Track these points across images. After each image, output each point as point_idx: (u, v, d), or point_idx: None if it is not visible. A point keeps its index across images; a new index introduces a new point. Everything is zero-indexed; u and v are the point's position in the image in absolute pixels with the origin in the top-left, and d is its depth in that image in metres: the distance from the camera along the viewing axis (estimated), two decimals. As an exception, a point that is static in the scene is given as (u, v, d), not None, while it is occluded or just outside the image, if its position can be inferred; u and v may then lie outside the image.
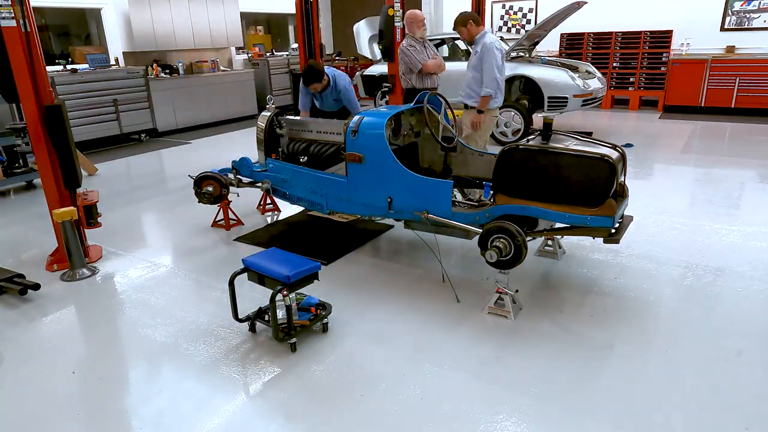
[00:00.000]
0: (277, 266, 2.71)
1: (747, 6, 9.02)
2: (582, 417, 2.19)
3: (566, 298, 3.16)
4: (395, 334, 2.85)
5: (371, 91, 9.12)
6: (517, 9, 11.40)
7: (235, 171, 4.50)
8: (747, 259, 3.58)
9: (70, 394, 2.47)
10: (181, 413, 2.31)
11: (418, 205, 3.30)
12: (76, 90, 7.96)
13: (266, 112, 4.39)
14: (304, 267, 2.72)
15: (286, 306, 2.63)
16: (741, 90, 8.78)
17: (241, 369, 2.60)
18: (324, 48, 10.00)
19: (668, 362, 2.52)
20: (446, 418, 2.21)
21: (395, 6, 6.31)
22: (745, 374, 2.42)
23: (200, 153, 7.95)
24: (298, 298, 2.87)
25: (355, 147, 3.52)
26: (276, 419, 2.25)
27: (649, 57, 9.56)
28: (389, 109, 3.83)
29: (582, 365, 2.53)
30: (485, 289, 3.25)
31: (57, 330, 3.04)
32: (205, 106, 10.04)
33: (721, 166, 5.91)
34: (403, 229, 3.87)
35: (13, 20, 3.34)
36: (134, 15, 8.95)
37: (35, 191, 6.05)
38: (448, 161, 4.18)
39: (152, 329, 3.00)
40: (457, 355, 2.65)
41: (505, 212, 3.00)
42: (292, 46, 12.64)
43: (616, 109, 10.14)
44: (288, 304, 2.62)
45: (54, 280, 3.67)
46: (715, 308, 3.00)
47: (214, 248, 4.17)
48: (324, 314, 2.85)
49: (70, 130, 3.68)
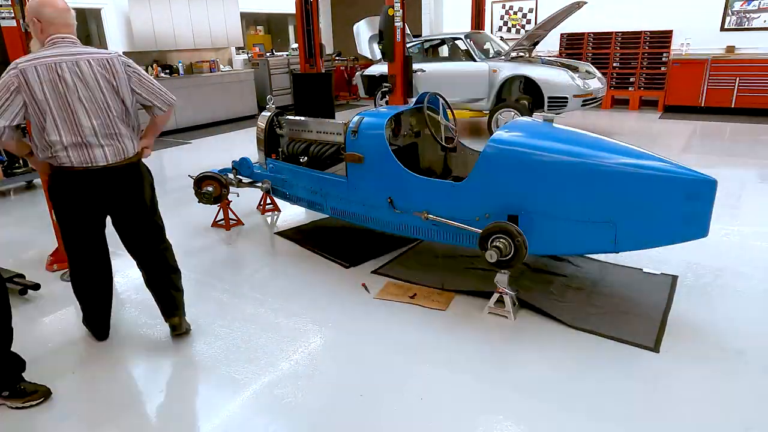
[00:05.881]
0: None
1: (747, 6, 9.02)
2: (582, 417, 2.19)
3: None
4: (395, 335, 2.85)
5: (371, 91, 9.12)
6: (517, 9, 11.40)
7: (235, 171, 4.51)
8: (747, 259, 3.58)
9: (70, 394, 2.47)
10: (181, 413, 2.31)
11: (418, 206, 3.30)
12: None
13: (266, 112, 4.39)
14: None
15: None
16: (741, 90, 8.77)
17: (241, 369, 2.60)
18: (324, 48, 9.99)
19: (668, 362, 2.52)
20: (446, 418, 2.21)
21: (395, 6, 6.30)
22: (745, 374, 2.42)
23: (200, 153, 7.95)
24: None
25: (355, 147, 3.52)
26: (276, 419, 2.25)
27: (649, 57, 9.56)
28: (389, 109, 3.83)
29: (582, 365, 2.53)
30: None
31: (57, 330, 3.04)
32: (205, 106, 10.04)
33: (721, 166, 5.90)
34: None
35: (13, 20, 3.34)
36: (134, 15, 8.95)
37: (35, 191, 6.05)
38: (448, 161, 4.18)
39: (152, 329, 3.00)
40: (457, 355, 2.65)
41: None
42: (292, 46, 12.65)
43: (616, 109, 10.14)
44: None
45: (54, 280, 3.67)
46: (715, 308, 3.00)
47: (214, 248, 4.17)
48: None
49: (70, 130, 3.67)
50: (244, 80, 10.74)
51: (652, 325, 2.80)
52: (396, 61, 6.60)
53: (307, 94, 7.62)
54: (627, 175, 2.63)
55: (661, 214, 2.62)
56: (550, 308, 2.98)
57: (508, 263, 2.80)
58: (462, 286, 3.27)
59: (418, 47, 8.69)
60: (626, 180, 2.63)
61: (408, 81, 6.82)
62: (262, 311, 3.15)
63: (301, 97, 7.76)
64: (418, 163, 4.20)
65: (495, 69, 7.61)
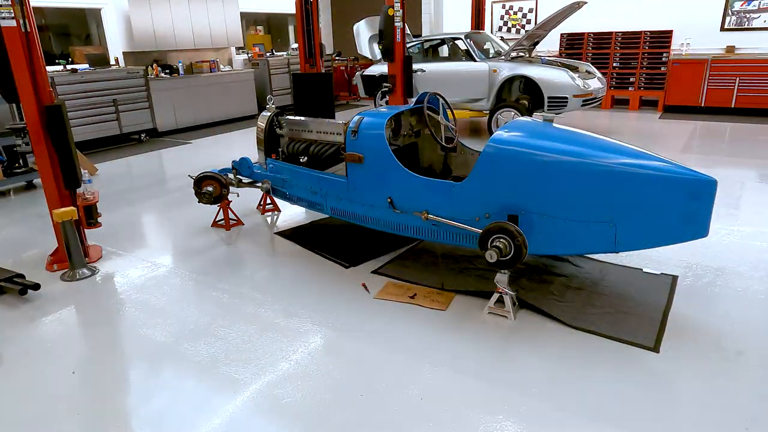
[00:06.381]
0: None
1: (747, 6, 9.02)
2: (582, 417, 2.19)
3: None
4: (395, 335, 2.85)
5: (371, 91, 9.13)
6: (517, 9, 11.40)
7: (235, 171, 4.51)
8: (747, 259, 3.58)
9: (70, 394, 2.47)
10: (181, 413, 2.31)
11: (418, 206, 3.30)
12: (76, 90, 7.96)
13: (266, 112, 4.40)
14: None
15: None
16: (741, 90, 8.78)
17: (241, 369, 2.60)
18: (324, 48, 9.99)
19: (668, 362, 2.52)
20: (446, 418, 2.21)
21: (395, 6, 6.31)
22: (745, 374, 2.42)
23: (200, 153, 7.95)
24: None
25: (355, 147, 3.52)
26: (276, 419, 2.25)
27: (649, 57, 9.56)
28: (389, 109, 3.83)
29: (582, 365, 2.53)
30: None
31: (57, 330, 3.04)
32: (205, 106, 10.04)
33: (721, 166, 5.90)
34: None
35: (13, 20, 3.34)
36: (134, 15, 8.95)
37: (35, 191, 6.06)
38: (448, 161, 4.18)
39: (152, 329, 3.00)
40: (457, 355, 2.65)
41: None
42: (292, 46, 12.65)
43: (616, 109, 10.14)
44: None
45: (54, 280, 3.67)
46: (715, 308, 3.00)
47: (214, 248, 4.18)
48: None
49: (70, 130, 3.68)
50: (244, 80, 10.75)
51: (652, 325, 2.80)
52: (396, 61, 6.61)
53: (307, 94, 7.61)
54: (627, 175, 2.63)
55: (661, 214, 2.62)
56: (550, 308, 2.98)
57: (508, 263, 2.80)
58: (462, 286, 3.27)
59: (418, 47, 8.69)
60: (626, 180, 2.63)
61: (408, 81, 6.83)
62: (262, 311, 3.15)
63: (301, 97, 7.75)
64: (418, 163, 4.20)
65: (495, 69, 7.61)
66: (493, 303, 2.98)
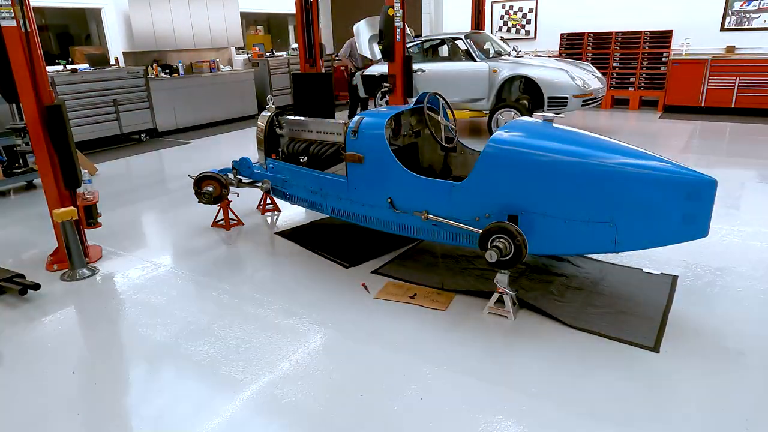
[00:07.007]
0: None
1: (747, 6, 9.02)
2: (582, 417, 2.19)
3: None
4: (395, 335, 2.85)
5: (371, 91, 9.12)
6: (517, 9, 11.40)
7: (235, 171, 4.51)
8: (747, 259, 3.58)
9: (70, 394, 2.47)
10: (181, 413, 2.31)
11: (418, 206, 3.30)
12: (76, 90, 7.96)
13: (266, 112, 4.40)
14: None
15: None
16: (741, 90, 8.78)
17: (241, 369, 2.60)
18: (324, 48, 9.99)
19: (668, 362, 2.52)
20: (446, 418, 2.21)
21: (395, 6, 6.31)
22: (745, 374, 2.42)
23: (200, 153, 7.95)
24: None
25: (355, 147, 3.52)
26: (276, 419, 2.25)
27: (649, 57, 9.56)
28: (389, 109, 3.83)
29: (582, 365, 2.53)
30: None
31: (57, 330, 3.04)
32: (205, 106, 10.04)
33: (721, 166, 5.91)
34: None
35: (13, 20, 3.34)
36: (134, 15, 8.95)
37: (35, 191, 6.06)
38: (448, 161, 4.18)
39: (152, 329, 3.00)
40: (457, 355, 2.65)
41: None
42: (292, 46, 12.65)
43: (616, 109, 10.14)
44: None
45: (54, 280, 3.67)
46: (715, 308, 3.00)
47: (214, 248, 4.17)
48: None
49: (70, 130, 3.68)
50: (244, 80, 10.75)
51: (652, 325, 2.80)
52: (396, 61, 6.61)
53: (307, 94, 7.62)
54: (627, 175, 2.63)
55: (661, 214, 2.62)
56: (550, 308, 2.98)
57: (508, 263, 2.80)
58: (462, 286, 3.27)
59: (418, 47, 8.69)
60: (626, 180, 2.63)
61: (408, 81, 6.82)
62: (262, 311, 3.15)
63: (301, 97, 7.76)
64: (418, 163, 4.20)
65: (495, 69, 7.61)
66: (493, 303, 2.98)
